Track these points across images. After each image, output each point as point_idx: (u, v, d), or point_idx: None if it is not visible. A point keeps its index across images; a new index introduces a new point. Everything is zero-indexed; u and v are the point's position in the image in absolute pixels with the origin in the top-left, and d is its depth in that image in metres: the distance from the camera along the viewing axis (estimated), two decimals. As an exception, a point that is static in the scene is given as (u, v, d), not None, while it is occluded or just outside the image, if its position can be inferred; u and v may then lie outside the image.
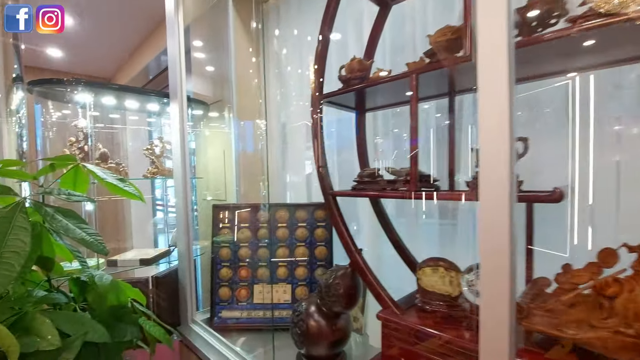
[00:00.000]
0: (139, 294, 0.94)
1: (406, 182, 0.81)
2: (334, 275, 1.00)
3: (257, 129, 1.72)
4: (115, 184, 0.85)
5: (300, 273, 1.38)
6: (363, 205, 1.30)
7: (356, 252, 0.85)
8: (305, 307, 1.07)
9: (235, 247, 1.40)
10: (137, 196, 0.89)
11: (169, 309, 1.41)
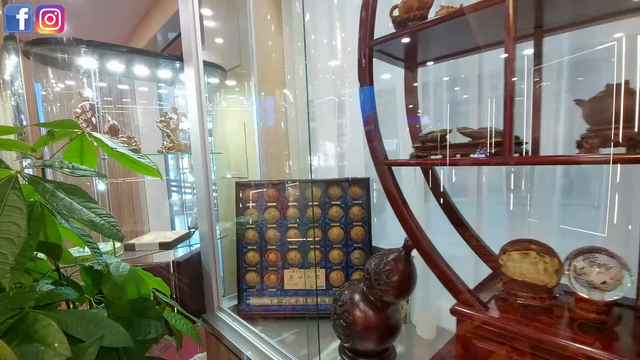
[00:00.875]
0: (162, 284, 0.81)
1: (483, 146, 0.64)
2: (385, 260, 0.86)
3: (280, 101, 1.54)
4: (127, 155, 0.71)
5: (335, 256, 1.24)
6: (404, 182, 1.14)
7: (420, 233, 0.70)
8: (348, 295, 0.93)
9: (262, 228, 1.27)
10: (154, 170, 0.74)
11: (192, 295, 1.30)
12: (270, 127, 1.52)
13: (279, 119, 1.56)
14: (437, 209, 0.92)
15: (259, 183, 1.29)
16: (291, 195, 1.26)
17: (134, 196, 2.87)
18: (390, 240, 1.27)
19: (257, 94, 1.54)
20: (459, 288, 0.65)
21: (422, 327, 1.09)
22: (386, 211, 1.29)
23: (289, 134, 1.55)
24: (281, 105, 1.56)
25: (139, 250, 1.24)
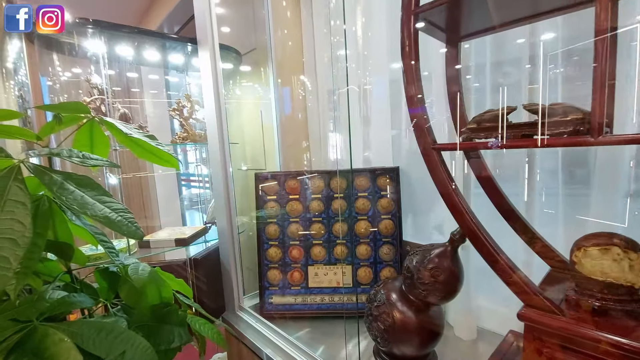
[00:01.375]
0: (184, 285, 0.73)
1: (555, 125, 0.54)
2: (429, 256, 0.77)
3: (298, 89, 1.45)
4: (144, 143, 0.62)
5: (362, 252, 1.16)
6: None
7: (478, 226, 0.61)
8: (385, 295, 0.85)
9: (284, 222, 1.19)
10: (173, 158, 0.66)
11: (211, 294, 1.23)
12: (288, 116, 1.43)
13: (298, 108, 1.46)
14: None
15: (280, 174, 1.20)
16: (315, 187, 1.17)
17: (144, 190, 2.82)
18: (420, 235, 1.18)
19: (275, 81, 1.45)
20: (529, 290, 0.56)
21: (460, 327, 1.01)
22: (415, 203, 1.19)
23: (309, 124, 1.46)
24: (299, 93, 1.46)
25: (154, 248, 1.17)
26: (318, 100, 1.43)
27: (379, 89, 1.22)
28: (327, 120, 1.40)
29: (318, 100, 1.43)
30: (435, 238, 1.16)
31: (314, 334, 1.06)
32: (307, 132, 1.45)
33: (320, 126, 1.42)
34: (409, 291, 0.81)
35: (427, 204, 1.17)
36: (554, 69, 0.81)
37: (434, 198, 1.14)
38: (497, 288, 1.06)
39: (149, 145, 0.69)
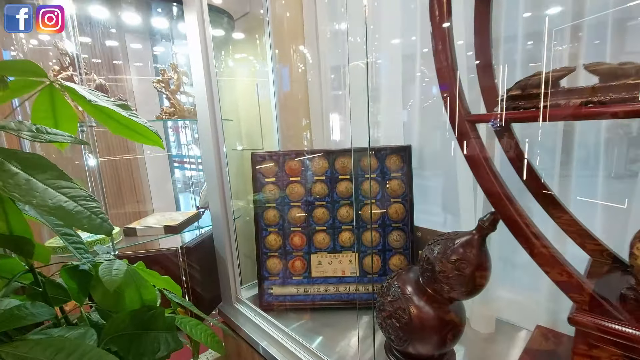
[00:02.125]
0: (171, 283, 0.63)
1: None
2: (453, 246, 0.67)
3: (298, 62, 1.31)
4: (112, 112, 0.50)
5: (370, 238, 1.06)
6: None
7: (520, 214, 0.51)
8: (399, 289, 0.76)
9: (284, 207, 1.08)
10: (152, 133, 0.55)
11: (206, 284, 1.14)
12: (287, 92, 1.30)
13: (298, 83, 1.33)
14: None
15: (279, 154, 1.09)
16: (318, 168, 1.06)
17: (134, 173, 2.69)
18: (433, 220, 1.09)
19: (272, 52, 1.31)
20: (584, 288, 0.46)
21: (478, 319, 0.93)
22: (428, 185, 1.09)
23: (310, 101, 1.33)
24: (299, 67, 1.33)
25: (141, 236, 1.06)
26: (320, 77, 1.29)
27: (389, 65, 1.10)
28: (330, 99, 1.28)
29: (320, 77, 1.29)
30: (450, 224, 1.07)
31: (318, 327, 0.98)
32: (307, 110, 1.32)
33: (322, 104, 1.30)
34: (428, 285, 0.72)
35: (442, 187, 1.07)
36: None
37: (449, 180, 1.04)
38: (517, 277, 0.99)
39: (124, 119, 0.57)
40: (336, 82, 1.29)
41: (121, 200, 2.57)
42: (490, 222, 0.65)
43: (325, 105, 1.30)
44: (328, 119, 1.32)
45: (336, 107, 1.30)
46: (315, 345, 0.90)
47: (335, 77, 1.29)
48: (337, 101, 1.29)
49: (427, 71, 1.02)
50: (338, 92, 1.28)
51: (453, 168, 0.97)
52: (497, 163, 0.83)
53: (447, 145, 1.03)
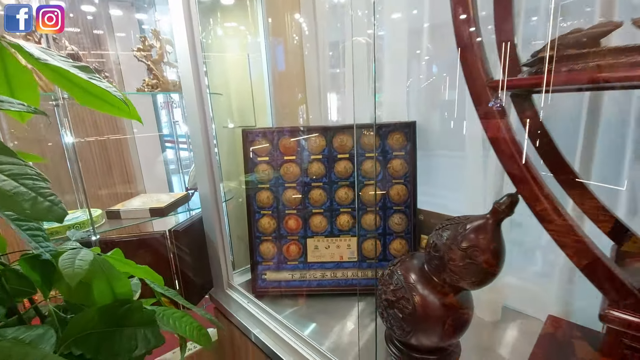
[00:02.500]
0: (150, 273, 0.57)
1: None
2: (464, 232, 0.61)
3: (293, 33, 1.21)
4: (71, 74, 0.42)
5: (370, 222, 1.00)
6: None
7: (548, 194, 0.44)
8: (402, 276, 0.70)
9: (278, 188, 1.01)
10: (119, 101, 0.46)
11: (197, 269, 1.08)
12: (283, 66, 1.21)
13: (293, 56, 1.23)
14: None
15: (272, 131, 1.01)
16: (314, 147, 0.98)
17: (124, 153, 2.59)
18: (437, 203, 1.02)
19: (265, 21, 1.20)
20: (624, 286, 0.40)
21: (483, 306, 0.88)
22: (431, 165, 1.02)
23: (306, 77, 1.23)
24: (293, 38, 1.23)
25: (125, 219, 0.99)
26: (318, 52, 1.20)
27: (393, 40, 1.00)
28: (328, 76, 1.18)
29: (318, 52, 1.20)
30: (453, 206, 1.01)
31: (313, 314, 0.93)
32: (304, 86, 1.23)
33: (319, 80, 1.21)
34: (434, 273, 0.66)
35: (446, 166, 1.00)
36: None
37: (455, 160, 0.97)
38: (525, 261, 0.94)
39: (90, 86, 0.48)
40: (334, 60, 1.20)
41: (112, 181, 2.49)
42: (507, 205, 0.58)
43: (323, 82, 1.21)
44: (325, 97, 1.23)
45: (334, 85, 1.21)
46: (309, 333, 0.85)
47: (334, 54, 1.19)
48: (336, 79, 1.20)
49: (433, 47, 0.93)
50: (336, 70, 1.19)
51: (461, 147, 0.90)
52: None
53: (454, 123, 0.95)
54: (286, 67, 1.27)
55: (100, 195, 2.35)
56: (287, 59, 1.26)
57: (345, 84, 1.13)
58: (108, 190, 2.42)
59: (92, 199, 2.35)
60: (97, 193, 2.30)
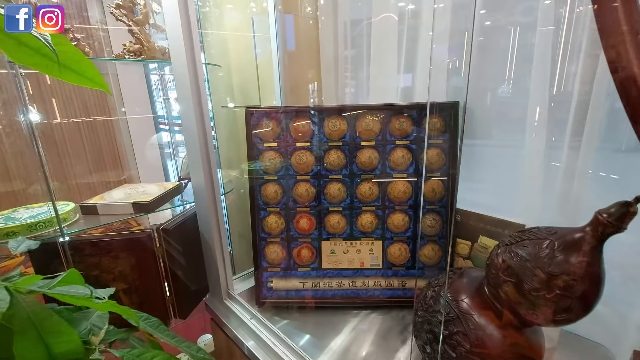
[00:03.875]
0: (116, 306, 0.40)
1: None
2: (553, 252, 0.44)
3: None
4: None
5: (398, 222, 0.83)
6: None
7: None
8: (455, 304, 0.54)
9: (288, 181, 0.84)
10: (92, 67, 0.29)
11: (191, 274, 0.92)
12: (294, 32, 1.02)
13: (305, 30, 1.04)
14: None
15: (282, 111, 0.83)
16: (333, 131, 0.81)
17: (117, 137, 2.41)
18: (480, 202, 0.85)
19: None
20: None
21: (536, 330, 0.72)
22: (475, 156, 0.85)
23: (322, 47, 1.05)
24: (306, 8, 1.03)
25: (103, 215, 0.83)
26: (337, 36, 1.01)
27: (430, 14, 0.82)
28: (347, 57, 1.00)
29: (337, 36, 1.01)
30: (498, 205, 0.84)
31: (329, 332, 0.78)
32: (317, 59, 1.04)
33: (339, 60, 1.02)
34: (503, 302, 0.49)
35: (493, 157, 0.83)
36: None
37: (505, 149, 0.80)
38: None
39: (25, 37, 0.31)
40: (358, 40, 1.01)
41: (103, 166, 2.31)
42: (618, 216, 0.41)
43: (341, 62, 1.02)
44: (343, 72, 1.04)
45: (354, 63, 1.02)
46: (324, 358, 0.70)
47: (353, 34, 1.00)
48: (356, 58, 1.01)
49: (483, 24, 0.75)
50: (356, 49, 1.00)
51: (517, 133, 0.72)
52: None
53: (507, 105, 0.77)
54: (298, 36, 1.07)
55: (92, 183, 2.19)
56: (300, 25, 1.07)
57: (371, 62, 0.94)
58: (100, 177, 2.25)
59: (82, 187, 2.16)
60: (85, 181, 2.13)
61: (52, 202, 0.68)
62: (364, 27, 0.96)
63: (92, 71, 0.44)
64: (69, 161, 2.17)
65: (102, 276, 0.84)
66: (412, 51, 0.87)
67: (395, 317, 0.82)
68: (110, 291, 0.51)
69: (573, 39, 0.63)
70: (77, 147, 2.18)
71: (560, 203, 0.69)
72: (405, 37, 0.87)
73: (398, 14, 0.87)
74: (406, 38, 0.87)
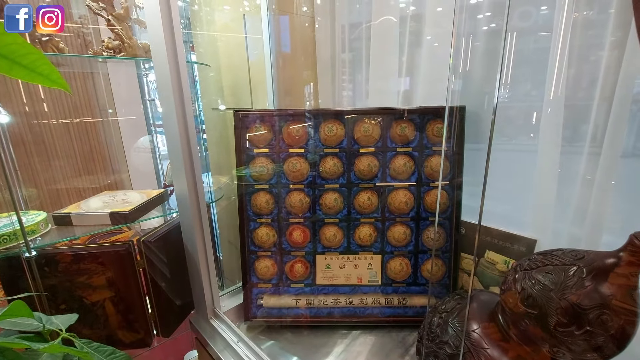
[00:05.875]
0: (63, 348, 0.33)
1: None
2: (582, 281, 0.38)
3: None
4: None
5: (398, 235, 0.77)
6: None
7: None
8: (461, 331, 0.47)
9: (281, 190, 0.78)
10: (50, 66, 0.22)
11: (176, 289, 0.85)
12: (290, 29, 0.96)
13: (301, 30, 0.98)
14: None
15: (274, 114, 0.77)
16: (330, 137, 0.75)
17: (107, 139, 2.34)
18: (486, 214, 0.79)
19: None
20: None
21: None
22: (479, 164, 0.79)
23: (318, 48, 0.99)
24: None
25: (78, 226, 0.76)
26: (334, 37, 0.95)
27: (435, 15, 0.76)
28: (345, 60, 0.94)
29: (334, 37, 0.95)
30: (506, 217, 0.78)
31: (323, 357, 0.71)
32: (314, 60, 0.98)
33: (336, 62, 0.96)
34: (522, 336, 0.43)
35: (501, 164, 0.77)
36: None
37: (513, 157, 0.74)
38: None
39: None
40: (356, 42, 0.95)
41: (93, 170, 2.24)
42: (661, 240, 0.35)
43: (338, 64, 0.96)
44: (340, 76, 0.98)
45: (352, 66, 0.96)
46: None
47: (355, 36, 0.94)
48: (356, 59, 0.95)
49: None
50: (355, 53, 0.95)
51: (528, 139, 0.67)
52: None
53: (517, 110, 0.71)
54: (294, 36, 1.02)
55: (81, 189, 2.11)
56: (295, 24, 1.01)
57: (370, 65, 0.88)
58: (91, 182, 2.18)
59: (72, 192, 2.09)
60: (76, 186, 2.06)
61: (17, 213, 0.61)
62: (363, 30, 0.90)
63: (47, 67, 0.38)
64: (57, 164, 2.10)
65: (77, 292, 0.77)
66: (413, 54, 0.81)
67: (395, 338, 0.75)
68: (70, 319, 0.44)
69: (588, 42, 0.57)
70: (67, 149, 2.11)
71: (576, 216, 0.63)
72: (406, 40, 0.82)
73: (399, 17, 0.82)
74: (407, 42, 0.81)
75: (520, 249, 0.69)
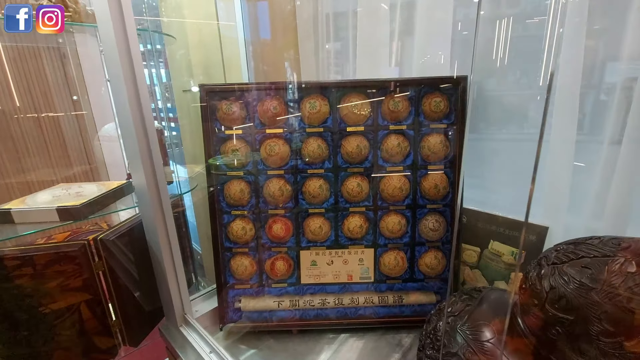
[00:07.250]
0: None
1: None
2: (628, 277, 0.29)
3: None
4: None
5: (392, 226, 0.68)
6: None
7: None
8: (472, 339, 0.39)
9: (259, 177, 0.68)
10: None
11: (144, 292, 0.75)
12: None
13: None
14: None
15: (248, 89, 0.66)
16: (313, 115, 0.65)
17: (83, 132, 2.19)
18: (490, 200, 0.71)
19: None
20: None
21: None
22: (484, 144, 0.70)
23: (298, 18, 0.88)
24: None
25: (21, 224, 0.65)
26: (317, 26, 0.84)
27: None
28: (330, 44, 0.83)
29: (317, 26, 0.84)
30: (511, 204, 0.69)
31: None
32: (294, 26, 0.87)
33: (319, 39, 0.85)
34: (553, 348, 0.35)
35: (507, 148, 0.68)
36: None
37: (520, 141, 0.65)
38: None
39: None
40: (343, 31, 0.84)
41: (68, 162, 2.09)
42: None
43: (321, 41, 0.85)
44: (323, 48, 0.88)
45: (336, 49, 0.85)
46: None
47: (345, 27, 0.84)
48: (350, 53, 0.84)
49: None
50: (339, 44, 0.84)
51: (533, 122, 0.58)
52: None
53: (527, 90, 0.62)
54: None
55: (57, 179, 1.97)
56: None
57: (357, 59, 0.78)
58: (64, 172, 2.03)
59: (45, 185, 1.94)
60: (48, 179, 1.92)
61: None
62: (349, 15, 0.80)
63: None
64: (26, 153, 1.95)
65: (25, 300, 0.66)
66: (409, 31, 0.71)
67: (391, 342, 0.67)
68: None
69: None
70: (38, 142, 1.96)
71: (596, 203, 0.55)
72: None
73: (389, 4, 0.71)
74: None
75: (530, 237, 0.61)
